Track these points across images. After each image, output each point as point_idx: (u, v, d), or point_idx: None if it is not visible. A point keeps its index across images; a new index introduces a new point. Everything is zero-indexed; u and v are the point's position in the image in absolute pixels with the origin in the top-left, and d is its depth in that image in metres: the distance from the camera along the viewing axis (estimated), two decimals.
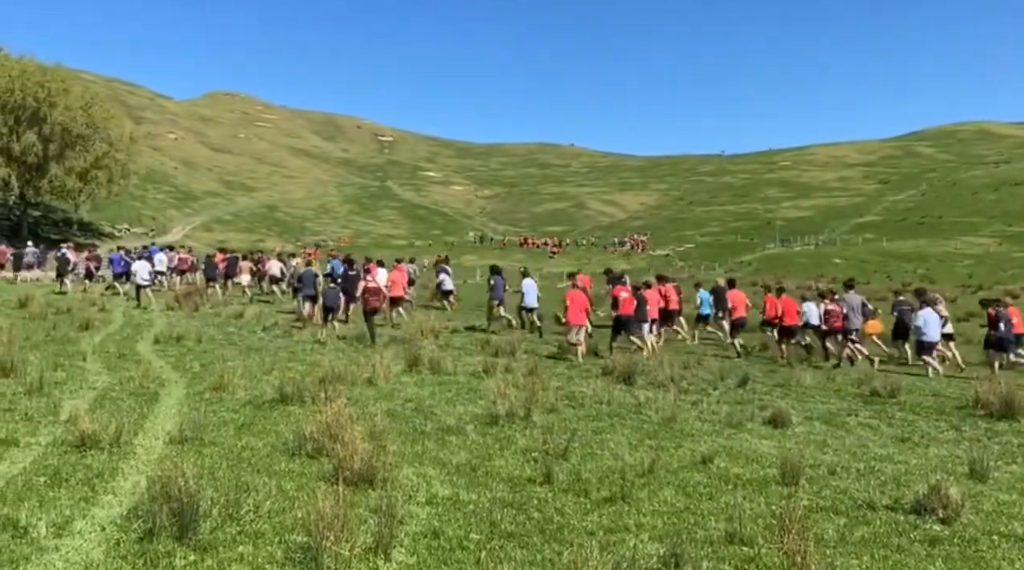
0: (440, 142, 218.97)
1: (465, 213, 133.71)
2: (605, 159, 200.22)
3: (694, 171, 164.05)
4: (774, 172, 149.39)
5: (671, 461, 7.43)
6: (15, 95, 53.47)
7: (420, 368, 12.44)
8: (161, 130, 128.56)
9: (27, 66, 56.51)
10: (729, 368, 14.09)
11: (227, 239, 74.67)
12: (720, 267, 72.48)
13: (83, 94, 61.16)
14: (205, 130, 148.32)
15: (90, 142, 58.19)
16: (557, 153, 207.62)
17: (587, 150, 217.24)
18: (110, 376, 10.66)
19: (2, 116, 53.69)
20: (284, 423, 8.26)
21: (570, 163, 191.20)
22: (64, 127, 55.79)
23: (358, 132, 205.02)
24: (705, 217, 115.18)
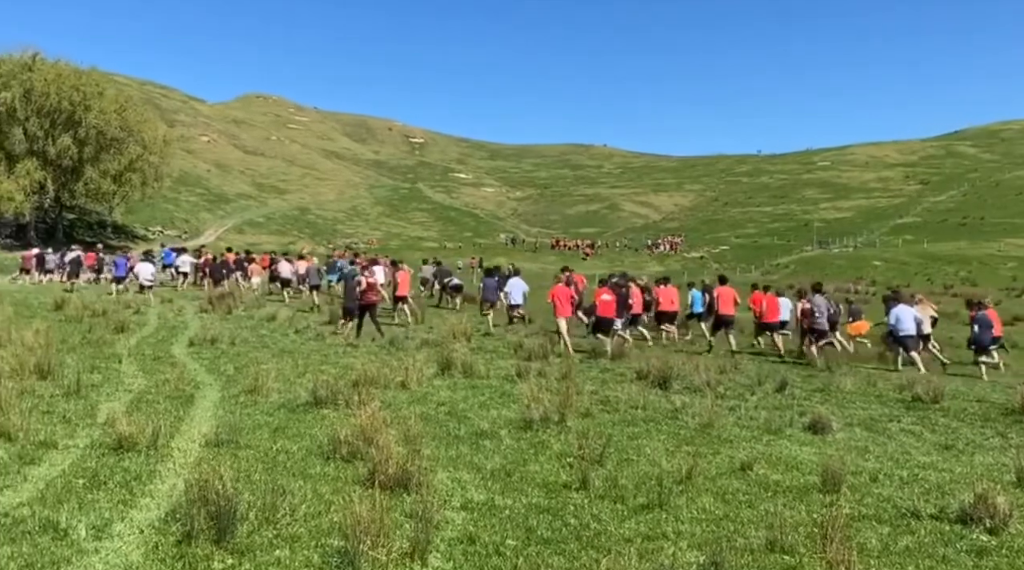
0: (471, 144, 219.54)
1: (496, 215, 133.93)
2: (638, 159, 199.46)
3: (730, 171, 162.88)
4: (812, 172, 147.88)
5: (709, 468, 7.38)
6: (51, 99, 54.53)
7: (453, 371, 12.47)
8: (194, 133, 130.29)
9: (62, 70, 57.59)
10: (767, 373, 13.97)
11: (259, 241, 75.52)
12: (756, 269, 71.90)
13: (117, 97, 62.24)
14: (238, 133, 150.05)
15: (124, 145, 59.16)
16: (589, 154, 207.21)
17: (620, 150, 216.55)
18: (146, 379, 10.82)
19: (38, 120, 54.74)
20: (318, 426, 8.33)
21: (603, 164, 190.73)
22: (99, 130, 56.76)
23: (389, 134, 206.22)
24: (741, 218, 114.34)
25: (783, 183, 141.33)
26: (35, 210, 55.85)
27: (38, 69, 56.32)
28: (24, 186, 52.61)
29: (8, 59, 56.73)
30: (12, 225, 55.97)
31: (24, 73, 55.35)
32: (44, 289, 27.30)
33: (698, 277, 38.97)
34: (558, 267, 28.97)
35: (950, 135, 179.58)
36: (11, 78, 54.65)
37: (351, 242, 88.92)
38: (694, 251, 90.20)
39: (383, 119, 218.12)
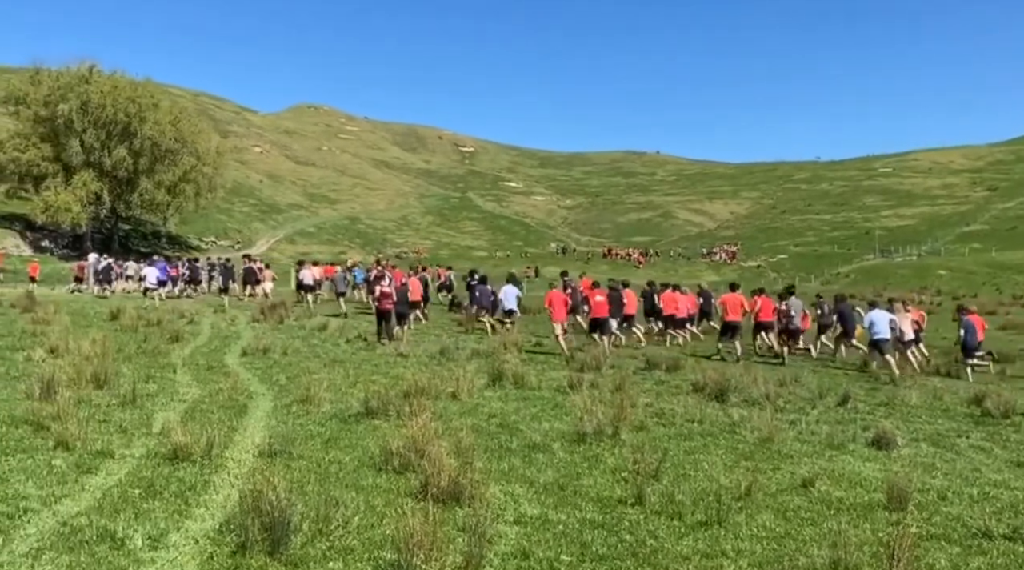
0: (522, 152, 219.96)
1: (547, 223, 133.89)
2: (693, 166, 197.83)
3: (788, 178, 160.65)
4: (873, 179, 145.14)
5: (769, 484, 7.27)
6: (107, 111, 55.99)
7: (504, 383, 12.50)
8: (246, 143, 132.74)
9: (119, 82, 59.14)
10: (828, 386, 13.73)
11: (310, 251, 76.55)
12: (815, 279, 70.80)
13: (172, 109, 63.70)
14: (289, 143, 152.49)
15: (178, 156, 60.48)
16: (642, 161, 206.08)
17: (674, 157, 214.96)
18: (199, 388, 11.03)
19: (95, 131, 56.25)
20: (370, 437, 8.40)
21: (656, 171, 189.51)
22: (154, 142, 58.12)
23: (439, 143, 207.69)
24: (800, 226, 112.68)
25: (843, 190, 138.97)
26: (91, 221, 57.33)
27: (95, 81, 57.91)
28: (81, 197, 54.07)
29: (66, 72, 58.44)
30: (69, 236, 57.54)
31: (81, 85, 56.96)
32: (99, 299, 28.05)
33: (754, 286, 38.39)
34: (609, 277, 28.88)
35: (1019, 139, 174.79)
36: (68, 90, 56.27)
37: (401, 251, 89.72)
38: (751, 260, 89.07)
39: (433, 128, 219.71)
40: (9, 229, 55.82)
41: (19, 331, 16.52)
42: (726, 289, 21.49)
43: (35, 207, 53.92)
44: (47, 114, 55.81)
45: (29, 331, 16.47)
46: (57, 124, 55.75)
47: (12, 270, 39.43)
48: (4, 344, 14.54)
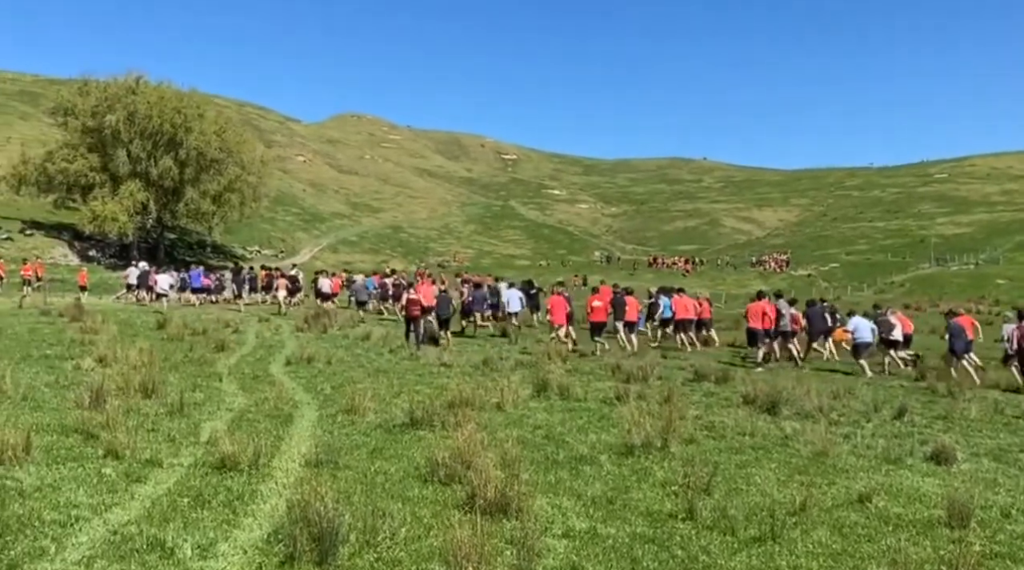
0: (565, 159, 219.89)
1: (591, 232, 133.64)
2: (741, 173, 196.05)
3: (839, 185, 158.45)
4: (929, 185, 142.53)
5: (824, 499, 7.16)
6: (153, 121, 57.15)
7: (549, 393, 12.48)
8: (290, 153, 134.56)
9: (165, 92, 60.36)
10: (884, 398, 13.49)
11: (352, 260, 77.28)
12: (868, 288, 69.65)
13: (217, 119, 64.82)
14: (333, 152, 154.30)
15: (224, 166, 61.50)
16: (688, 168, 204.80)
17: (721, 164, 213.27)
18: (245, 397, 11.17)
19: (141, 142, 57.43)
20: (415, 448, 8.44)
21: (702, 178, 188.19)
22: (199, 151, 59.17)
23: (482, 151, 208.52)
24: (852, 234, 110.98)
25: (897, 197, 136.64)
26: (138, 230, 58.50)
27: (142, 92, 59.17)
28: (128, 207, 55.21)
29: (114, 83, 59.81)
30: (116, 245, 58.78)
31: (128, 96, 58.24)
32: (148, 308, 28.61)
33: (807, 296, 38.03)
34: (655, 286, 28.77)
35: None
36: (116, 101, 57.57)
37: (443, 260, 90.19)
38: (801, 269, 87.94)
39: (475, 136, 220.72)
40: (57, 239, 57.20)
41: (68, 340, 16.90)
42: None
43: (83, 217, 55.15)
44: (95, 125, 57.15)
45: (78, 340, 16.82)
46: (104, 134, 57.05)
47: (60, 279, 40.36)
48: (54, 353, 14.87)
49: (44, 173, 56.72)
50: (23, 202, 60.89)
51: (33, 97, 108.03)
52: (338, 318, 24.82)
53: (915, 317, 27.96)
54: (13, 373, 10.93)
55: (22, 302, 28.36)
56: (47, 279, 37.23)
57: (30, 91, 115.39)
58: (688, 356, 20.23)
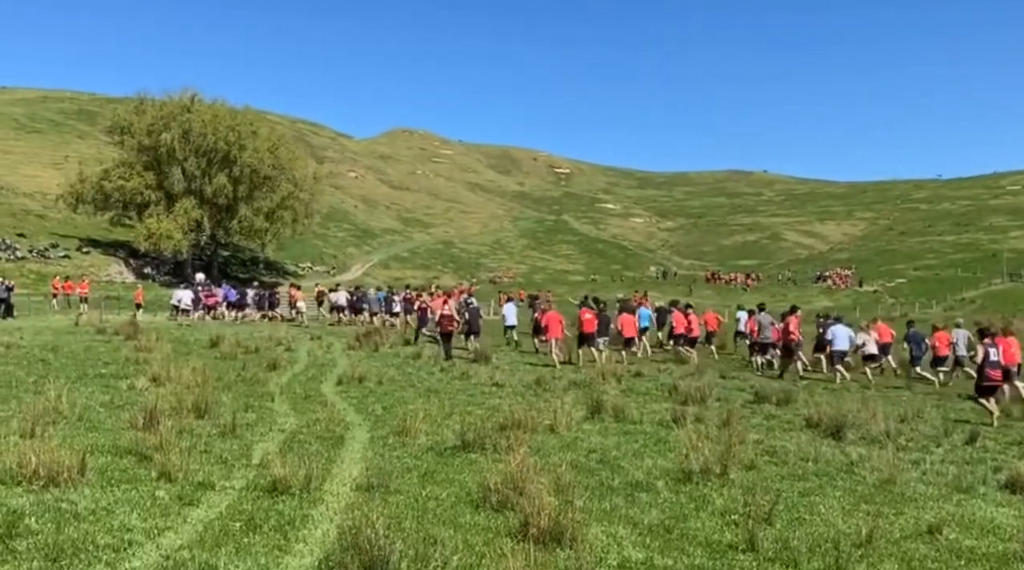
0: (619, 172, 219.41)
1: (646, 246, 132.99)
2: (802, 186, 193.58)
3: (906, 197, 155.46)
4: (1000, 198, 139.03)
5: (892, 530, 6.98)
6: (208, 139, 58.51)
7: (603, 415, 12.40)
8: (342, 169, 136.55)
9: (219, 110, 61.78)
10: (955, 422, 13.14)
11: (403, 276, 77.92)
12: (937, 304, 68.04)
13: (270, 136, 66.13)
14: (384, 168, 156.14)
15: (276, 183, 62.64)
16: (748, 181, 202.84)
17: (781, 177, 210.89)
18: (297, 418, 11.31)
19: (196, 159, 58.81)
20: (467, 472, 8.45)
21: (763, 191, 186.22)
22: (252, 169, 60.37)
23: (534, 165, 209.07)
24: (919, 249, 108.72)
25: (967, 209, 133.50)
26: (192, 248, 59.78)
27: (196, 110, 60.66)
28: (182, 224, 56.54)
29: (169, 101, 61.42)
30: (171, 262, 60.14)
31: (183, 114, 59.74)
32: (202, 325, 29.17)
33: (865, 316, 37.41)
34: (713, 302, 28.65)
35: None
36: (171, 119, 59.09)
37: (495, 276, 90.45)
38: (867, 284, 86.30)
39: (528, 150, 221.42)
40: (113, 256, 58.73)
41: (123, 359, 17.30)
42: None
43: (138, 234, 56.58)
44: (150, 143, 58.68)
45: (132, 359, 17.22)
46: (160, 152, 58.55)
47: (116, 296, 41.39)
48: (109, 372, 15.24)
49: (101, 191, 58.37)
50: (80, 220, 62.70)
51: (91, 116, 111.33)
52: (388, 336, 25.05)
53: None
54: (69, 393, 11.20)
55: (79, 320, 29.15)
56: (102, 297, 38.22)
57: (88, 110, 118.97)
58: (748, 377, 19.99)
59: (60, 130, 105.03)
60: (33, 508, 6.40)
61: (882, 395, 17.23)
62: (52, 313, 34.72)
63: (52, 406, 10.31)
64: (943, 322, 24.53)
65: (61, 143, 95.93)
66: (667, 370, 20.24)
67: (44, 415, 9.74)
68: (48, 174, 75.29)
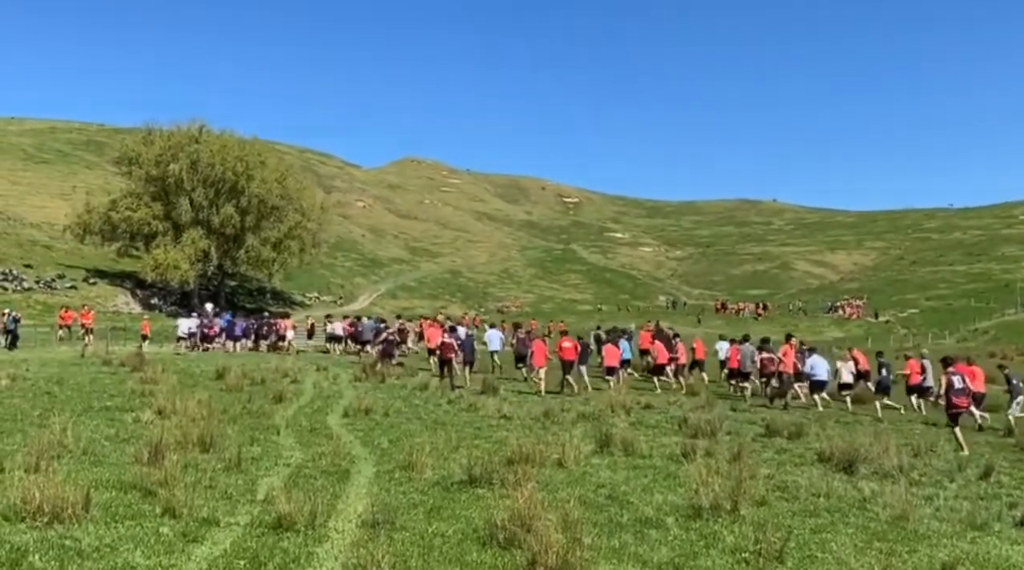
0: (627, 201, 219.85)
1: (655, 276, 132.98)
2: (812, 215, 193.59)
3: (917, 227, 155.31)
4: (1013, 227, 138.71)
5: (905, 568, 6.93)
6: (216, 169, 58.99)
7: (612, 449, 12.34)
8: (350, 198, 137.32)
9: (227, 141, 62.34)
10: (968, 457, 13.05)
11: (411, 306, 78.05)
12: (950, 335, 67.74)
13: (278, 166, 66.67)
14: (392, 197, 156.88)
15: (284, 213, 63.03)
16: (757, 210, 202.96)
17: (791, 206, 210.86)
18: (302, 452, 11.29)
19: (203, 190, 59.25)
20: (474, 507, 8.41)
21: (772, 220, 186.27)
22: (260, 199, 60.77)
23: (542, 194, 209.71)
24: (931, 278, 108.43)
25: (979, 239, 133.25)
26: (199, 278, 60.02)
27: (204, 141, 61.23)
28: (189, 255, 56.83)
29: (177, 132, 62.00)
30: (177, 293, 60.35)
31: (191, 145, 60.30)
32: (206, 356, 29.22)
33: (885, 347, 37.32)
34: (720, 332, 28.66)
35: None
36: (179, 150, 59.64)
37: (502, 305, 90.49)
38: (882, 315, 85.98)
39: (536, 178, 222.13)
40: (120, 287, 58.95)
41: (128, 391, 17.31)
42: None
43: (145, 265, 56.88)
44: (158, 173, 59.17)
45: (138, 391, 17.23)
46: (168, 183, 59.02)
47: (123, 327, 41.50)
48: (114, 404, 15.26)
49: (108, 222, 58.79)
50: (87, 251, 63.10)
51: (99, 146, 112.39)
52: (395, 368, 25.09)
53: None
54: (75, 426, 11.21)
55: (84, 351, 29.22)
56: (108, 328, 38.33)
57: (96, 140, 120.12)
58: (759, 410, 19.91)
59: (68, 161, 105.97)
60: (37, 545, 6.39)
61: (871, 424, 17.14)
62: (58, 344, 34.83)
63: (57, 440, 10.33)
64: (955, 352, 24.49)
65: (69, 174, 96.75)
66: (677, 402, 20.20)
67: (49, 449, 9.75)
68: (56, 205, 75.90)
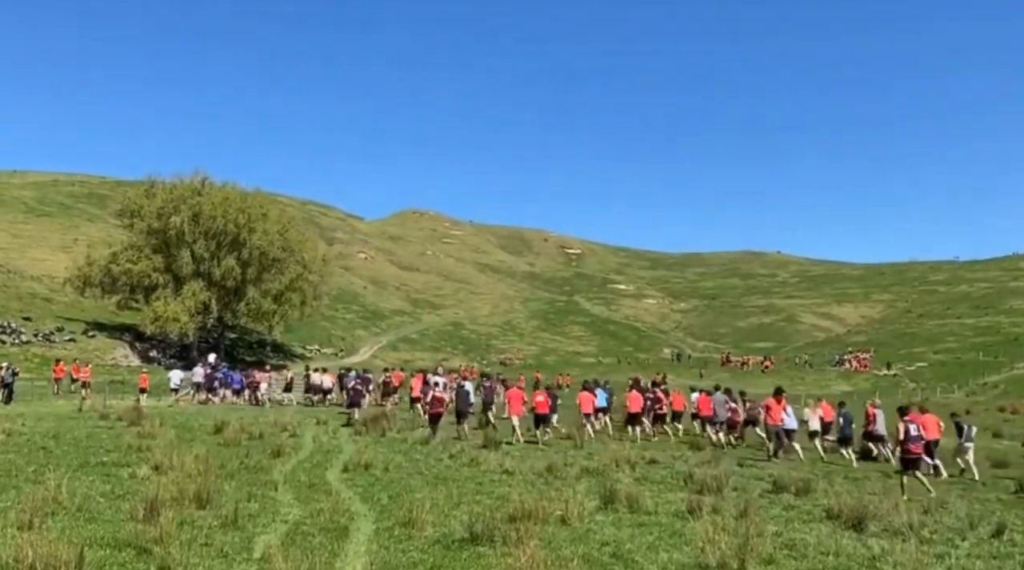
0: (631, 253, 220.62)
1: (659, 328, 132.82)
2: (817, 267, 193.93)
3: (923, 280, 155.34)
4: (1020, 280, 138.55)
5: None
6: (217, 221, 59.37)
7: (616, 505, 12.23)
8: (352, 250, 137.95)
9: (229, 193, 62.86)
10: (980, 514, 12.90)
11: (413, 359, 77.90)
12: (959, 389, 67.39)
13: (280, 218, 67.13)
14: (394, 249, 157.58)
15: (285, 265, 63.29)
16: (761, 261, 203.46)
17: (796, 258, 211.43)
18: (301, 508, 11.19)
19: (205, 242, 59.55)
20: (475, 567, 8.33)
21: (777, 272, 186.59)
22: (262, 251, 61.07)
23: (545, 245, 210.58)
24: (939, 332, 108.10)
25: (987, 292, 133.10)
26: (198, 330, 60.02)
27: (206, 193, 61.75)
28: (189, 307, 56.90)
29: (179, 184, 62.57)
30: (177, 346, 60.31)
31: (193, 197, 60.80)
32: (205, 410, 29.11)
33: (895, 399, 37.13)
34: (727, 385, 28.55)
35: None
36: (181, 202, 60.11)
37: (505, 358, 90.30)
38: (886, 368, 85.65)
39: (538, 230, 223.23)
40: (119, 339, 58.96)
41: (125, 446, 17.23)
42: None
43: (145, 317, 56.95)
44: (160, 226, 59.57)
45: (135, 446, 17.14)
46: (169, 235, 59.37)
47: (121, 381, 41.40)
48: (110, 460, 15.17)
49: (108, 274, 59.03)
50: (87, 303, 63.25)
51: (101, 199, 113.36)
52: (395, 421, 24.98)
53: (1015, 421, 27.11)
54: (70, 482, 11.15)
55: (82, 405, 29.13)
56: (107, 381, 38.26)
57: (98, 193, 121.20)
58: (765, 465, 19.76)
59: (69, 213, 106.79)
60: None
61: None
62: (54, 398, 34.74)
63: (51, 496, 10.26)
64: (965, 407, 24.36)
65: (70, 226, 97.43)
66: (682, 457, 20.06)
67: (43, 506, 9.68)
68: (56, 257, 76.29)
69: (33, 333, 53.39)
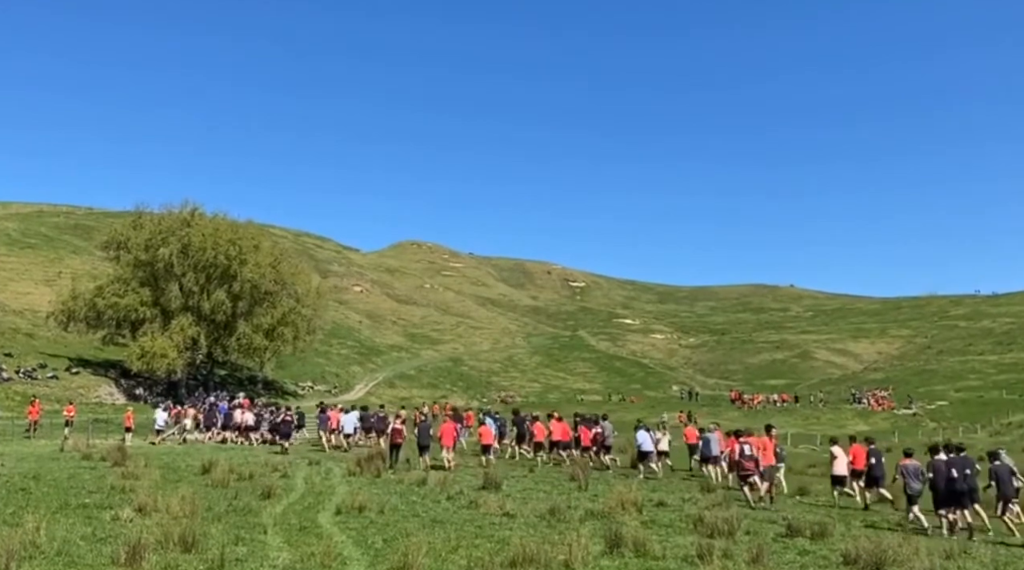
0: (637, 286, 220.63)
1: (667, 364, 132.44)
2: (832, 301, 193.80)
3: (943, 314, 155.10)
4: None
5: None
6: (207, 254, 59.35)
7: (623, 549, 12.14)
8: (347, 283, 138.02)
9: (220, 224, 62.95)
10: (1005, 560, 12.79)
11: (410, 395, 77.63)
12: (982, 428, 67.02)
13: (272, 250, 67.19)
14: (391, 281, 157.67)
15: (277, 298, 63.24)
16: (774, 295, 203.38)
17: (809, 292, 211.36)
18: (291, 552, 11.12)
19: (194, 275, 59.51)
20: None
21: (790, 307, 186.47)
22: (253, 284, 61.00)
23: (548, 278, 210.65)
24: (960, 369, 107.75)
25: (1009, 327, 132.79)
26: (187, 367, 59.85)
27: (196, 224, 61.81)
28: (177, 343, 56.78)
29: (168, 215, 62.74)
30: (164, 382, 60.10)
31: (183, 229, 60.85)
32: (193, 450, 28.99)
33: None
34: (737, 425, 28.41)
35: None
36: (170, 234, 60.19)
37: (506, 395, 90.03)
38: (905, 407, 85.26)
39: (541, 262, 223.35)
40: (104, 376, 58.82)
41: (108, 487, 17.16)
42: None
43: (131, 353, 56.77)
44: (147, 258, 59.58)
45: (118, 487, 17.08)
46: (157, 268, 59.38)
47: (105, 419, 41.30)
48: (93, 502, 15.10)
49: (93, 308, 58.96)
50: (71, 338, 63.19)
51: (86, 230, 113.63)
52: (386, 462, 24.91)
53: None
54: (49, 525, 11.09)
55: (64, 445, 29.03)
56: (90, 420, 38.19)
57: (84, 224, 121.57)
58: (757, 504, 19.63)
59: (54, 245, 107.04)
60: None
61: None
62: (36, 438, 34.62)
63: (30, 539, 10.21)
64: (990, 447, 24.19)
65: (55, 259, 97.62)
66: (692, 499, 19.93)
67: (20, 550, 9.62)
68: (40, 291, 76.39)
69: (15, 370, 53.33)
